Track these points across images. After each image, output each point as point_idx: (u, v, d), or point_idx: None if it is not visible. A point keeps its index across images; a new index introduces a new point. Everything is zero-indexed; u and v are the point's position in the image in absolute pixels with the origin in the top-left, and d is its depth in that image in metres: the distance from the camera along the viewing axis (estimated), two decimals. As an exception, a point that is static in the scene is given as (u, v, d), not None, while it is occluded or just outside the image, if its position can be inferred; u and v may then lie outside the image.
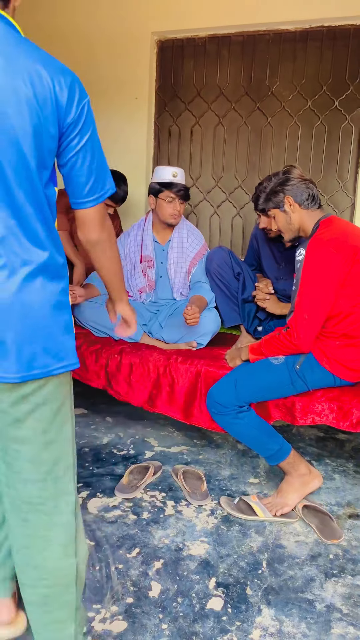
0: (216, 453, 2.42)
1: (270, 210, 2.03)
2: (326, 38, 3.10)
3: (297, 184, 1.94)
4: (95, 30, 3.44)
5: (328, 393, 1.97)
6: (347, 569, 1.69)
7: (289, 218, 1.98)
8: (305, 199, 1.94)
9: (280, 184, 1.97)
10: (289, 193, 1.95)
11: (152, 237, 2.73)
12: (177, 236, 2.71)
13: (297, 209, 1.95)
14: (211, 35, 3.31)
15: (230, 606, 1.52)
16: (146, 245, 2.72)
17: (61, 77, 1.10)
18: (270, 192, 2.01)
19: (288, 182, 1.95)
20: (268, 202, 2.02)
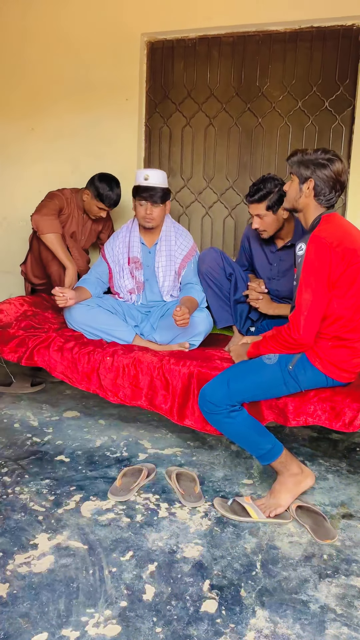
0: (210, 455, 2.41)
1: (292, 173, 1.95)
2: (316, 39, 3.11)
3: (328, 179, 1.87)
4: (85, 32, 3.43)
5: (320, 393, 1.97)
6: (341, 569, 1.69)
7: (299, 196, 1.93)
8: (323, 196, 1.89)
9: (316, 164, 1.87)
10: (315, 179, 1.88)
11: (139, 238, 2.73)
12: (164, 239, 2.70)
13: (311, 196, 1.90)
14: (201, 36, 3.31)
15: (225, 608, 1.51)
16: (133, 246, 2.72)
17: None
18: (305, 160, 1.90)
19: (323, 169, 1.86)
20: (298, 166, 1.92)
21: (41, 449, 2.41)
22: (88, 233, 3.24)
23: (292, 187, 1.96)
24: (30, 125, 3.65)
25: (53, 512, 1.93)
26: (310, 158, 1.89)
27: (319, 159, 1.88)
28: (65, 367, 2.35)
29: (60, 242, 2.91)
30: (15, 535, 1.80)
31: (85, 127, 3.52)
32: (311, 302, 1.79)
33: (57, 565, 1.66)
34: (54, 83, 3.56)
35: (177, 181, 3.50)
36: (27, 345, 2.43)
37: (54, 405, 2.91)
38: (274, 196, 2.36)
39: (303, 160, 1.91)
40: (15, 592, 1.54)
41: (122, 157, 3.48)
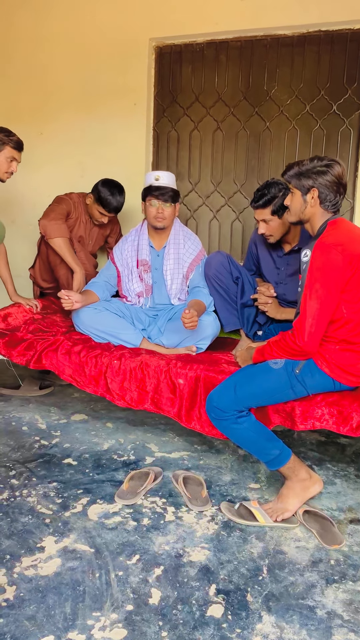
0: (217, 458, 2.41)
1: (292, 187, 1.96)
2: (324, 42, 3.12)
3: (331, 184, 1.87)
4: (94, 37, 3.46)
5: (328, 398, 1.97)
6: (348, 575, 1.68)
7: (304, 207, 1.93)
8: (329, 201, 1.89)
9: (316, 172, 1.88)
10: (319, 187, 1.88)
11: (148, 241, 2.74)
12: (173, 242, 2.71)
13: (317, 204, 1.91)
14: (209, 41, 3.32)
15: (231, 613, 1.51)
16: (142, 249, 2.73)
17: None
18: (304, 171, 1.90)
19: (324, 176, 1.87)
20: (297, 179, 1.93)
21: (49, 452, 2.42)
22: (95, 237, 3.26)
23: (295, 200, 1.96)
24: (39, 129, 3.68)
25: (60, 515, 1.94)
26: (308, 168, 1.90)
27: (317, 167, 1.88)
28: (73, 371, 2.36)
29: (68, 246, 2.92)
30: (23, 538, 1.80)
31: (93, 132, 3.54)
32: (317, 309, 1.78)
33: (63, 569, 1.66)
34: (62, 88, 3.58)
35: (185, 185, 3.51)
36: (35, 349, 2.44)
37: (62, 408, 2.92)
38: (278, 201, 2.36)
39: (302, 172, 1.91)
40: (22, 595, 1.54)
41: (130, 161, 3.49)
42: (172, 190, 2.62)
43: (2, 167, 2.68)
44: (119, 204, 3.03)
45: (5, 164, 2.68)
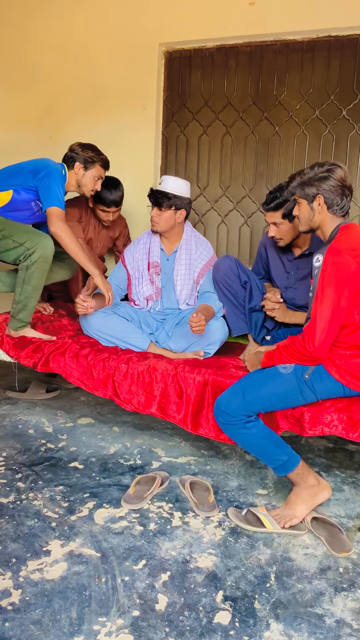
0: (224, 464, 2.39)
1: (298, 198, 1.97)
2: (333, 48, 3.11)
3: (335, 188, 1.87)
4: (104, 42, 3.47)
5: (337, 403, 1.95)
6: (357, 583, 1.66)
7: (312, 215, 1.93)
8: (336, 205, 1.89)
9: (318, 179, 1.88)
10: (323, 193, 1.88)
11: (159, 244, 2.74)
12: (185, 247, 2.70)
13: (324, 210, 1.91)
14: (219, 46, 3.33)
15: (238, 620, 1.49)
16: (153, 252, 2.73)
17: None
18: (307, 180, 1.91)
19: (327, 181, 1.87)
20: (301, 189, 1.94)
21: (55, 455, 2.41)
22: (104, 240, 3.26)
23: (303, 210, 1.97)
24: (49, 133, 3.69)
25: (66, 519, 1.93)
26: (310, 176, 1.91)
27: (318, 174, 1.89)
28: (81, 374, 2.35)
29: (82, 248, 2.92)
30: (29, 541, 1.79)
31: (102, 136, 3.54)
32: (329, 315, 1.76)
33: (69, 573, 1.65)
34: (72, 92, 3.60)
35: (193, 189, 3.50)
36: (42, 352, 2.44)
37: (69, 411, 2.92)
38: (290, 204, 2.35)
39: (304, 181, 1.92)
40: (27, 599, 1.53)
41: (139, 166, 3.50)
42: (169, 196, 2.58)
43: (89, 185, 2.73)
44: (116, 197, 3.02)
45: (92, 182, 2.73)
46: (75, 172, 2.69)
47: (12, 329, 2.60)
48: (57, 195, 2.50)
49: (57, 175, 2.55)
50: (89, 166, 2.68)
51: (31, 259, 2.48)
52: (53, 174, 2.53)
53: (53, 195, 2.49)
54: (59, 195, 2.51)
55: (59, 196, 2.51)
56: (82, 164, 2.67)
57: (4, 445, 2.48)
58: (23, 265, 2.50)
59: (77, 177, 2.70)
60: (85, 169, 2.68)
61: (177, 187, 2.61)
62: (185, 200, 2.65)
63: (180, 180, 2.66)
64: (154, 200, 2.61)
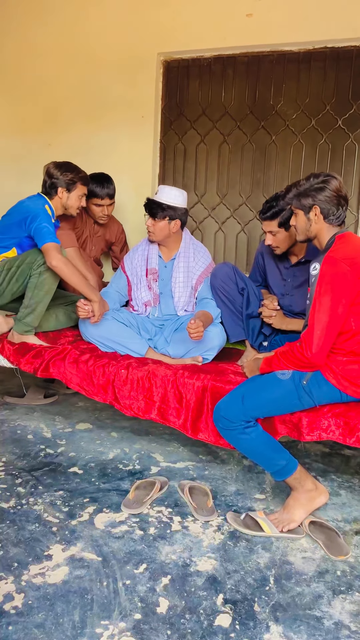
0: (222, 469, 2.42)
1: (295, 209, 2.02)
2: (329, 59, 3.17)
3: (331, 198, 1.91)
4: (103, 51, 3.52)
5: (334, 409, 1.98)
6: (354, 586, 1.68)
7: (309, 225, 1.98)
8: (332, 215, 1.93)
9: (314, 190, 1.93)
10: (319, 204, 1.93)
11: (157, 251, 2.77)
12: (183, 255, 2.73)
13: (321, 220, 1.95)
14: (216, 56, 3.38)
15: (238, 623, 1.51)
16: (151, 258, 2.76)
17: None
18: (303, 191, 1.96)
19: (322, 192, 1.92)
20: (297, 200, 1.98)
21: (54, 461, 2.42)
22: (99, 242, 3.28)
23: (299, 220, 2.01)
24: (48, 140, 3.72)
25: (67, 524, 1.95)
26: (306, 187, 1.95)
27: (314, 185, 1.93)
28: (81, 379, 2.37)
29: (79, 256, 2.95)
30: (30, 545, 1.81)
31: (101, 143, 3.59)
32: (326, 322, 1.80)
33: (71, 577, 1.67)
34: (70, 100, 3.64)
35: (191, 197, 3.54)
36: (43, 357, 2.46)
37: (67, 417, 2.93)
38: (286, 213, 2.39)
39: (300, 193, 1.97)
40: (30, 603, 1.55)
41: (137, 173, 3.54)
42: (164, 207, 2.61)
43: (75, 204, 2.78)
44: (109, 189, 3.07)
45: (77, 201, 2.77)
46: (60, 196, 2.72)
47: (17, 332, 2.64)
48: (48, 231, 2.55)
49: (41, 213, 2.59)
50: (72, 188, 2.72)
51: (42, 268, 2.56)
52: (38, 214, 2.58)
53: (45, 233, 2.54)
54: (49, 230, 2.56)
55: (50, 231, 2.56)
56: (64, 188, 2.70)
57: (4, 450, 2.50)
58: (36, 272, 2.57)
59: (61, 201, 2.73)
60: (68, 192, 2.72)
61: (171, 198, 2.63)
62: (179, 211, 2.66)
63: (175, 191, 2.66)
64: (148, 210, 2.64)
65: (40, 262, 2.56)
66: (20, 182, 3.82)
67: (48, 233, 2.54)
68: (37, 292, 2.58)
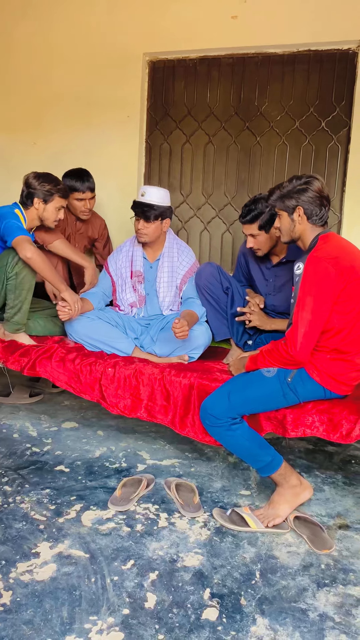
0: (208, 466, 2.44)
1: (278, 210, 2.05)
2: (313, 61, 3.21)
3: (314, 199, 1.95)
4: (89, 50, 3.52)
5: (318, 405, 2.02)
6: (338, 579, 1.72)
7: (293, 226, 2.01)
8: (315, 215, 1.97)
9: (297, 192, 1.96)
10: (303, 205, 1.96)
11: (141, 253, 2.78)
12: (167, 255, 2.75)
13: (304, 221, 1.98)
14: (202, 57, 3.40)
15: (225, 616, 1.54)
16: (135, 260, 2.76)
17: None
18: (286, 193, 1.99)
19: (305, 193, 1.95)
20: (280, 201, 2.01)
21: (41, 459, 2.43)
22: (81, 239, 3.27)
23: (284, 222, 2.05)
24: (33, 139, 3.71)
25: (54, 521, 1.95)
26: (289, 189, 1.99)
27: (297, 186, 1.97)
28: (69, 378, 2.38)
29: (68, 244, 2.94)
30: (17, 543, 1.81)
31: (87, 142, 3.59)
32: (309, 320, 1.83)
33: (59, 574, 1.68)
34: (56, 99, 3.63)
35: (176, 197, 3.56)
36: (30, 356, 2.46)
37: (53, 416, 2.93)
38: (265, 216, 2.42)
39: (284, 194, 2.01)
40: (18, 600, 1.55)
41: (123, 173, 3.55)
42: (155, 208, 2.60)
43: (52, 217, 2.73)
44: (89, 182, 3.06)
45: (54, 213, 2.72)
46: (36, 207, 2.68)
47: (9, 331, 2.64)
48: (17, 226, 2.54)
49: (9, 214, 2.59)
50: (49, 199, 2.68)
51: (18, 266, 2.53)
52: (5, 215, 2.58)
53: (14, 228, 2.52)
54: (18, 225, 2.55)
55: (18, 226, 2.55)
56: (41, 199, 2.67)
57: (-11, 449, 2.49)
58: (12, 274, 2.55)
59: (38, 212, 2.70)
60: (45, 203, 2.68)
61: (160, 198, 2.63)
62: (169, 209, 2.70)
63: (161, 190, 2.68)
64: (140, 213, 2.61)
65: (13, 263, 2.53)
66: (6, 182, 3.80)
67: (17, 228, 2.52)
68: (18, 292, 2.57)
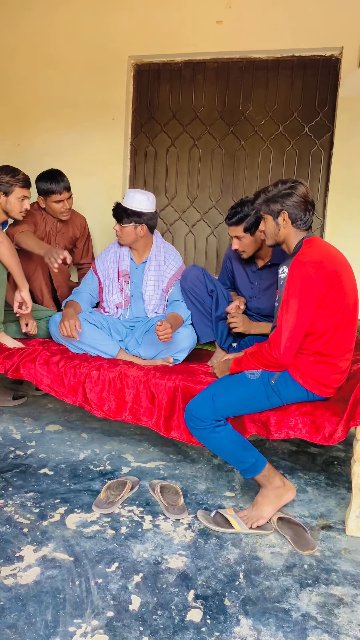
0: (192, 468, 2.45)
1: (263, 214, 2.07)
2: (297, 67, 3.25)
3: (298, 204, 1.97)
4: (74, 52, 3.52)
5: (301, 407, 2.04)
6: (321, 579, 1.74)
7: (278, 229, 2.03)
8: (300, 220, 1.99)
9: (282, 196, 1.98)
10: (287, 209, 1.98)
11: (129, 254, 2.78)
12: (154, 258, 2.76)
13: (289, 225, 2.01)
14: (187, 61, 3.42)
15: (209, 617, 1.55)
16: (123, 260, 2.77)
17: None
18: (271, 197, 2.01)
19: (290, 198, 1.97)
20: (266, 205, 2.04)
21: (24, 462, 2.41)
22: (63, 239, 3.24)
23: (268, 225, 2.07)
24: (17, 140, 3.70)
25: (38, 525, 1.95)
26: (274, 193, 2.01)
27: (282, 191, 2.00)
28: (52, 381, 2.37)
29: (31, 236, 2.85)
30: (1, 547, 1.80)
31: (71, 145, 3.59)
32: (293, 323, 1.86)
33: (43, 577, 1.67)
34: (41, 101, 3.62)
35: (161, 199, 3.58)
36: (13, 358, 2.45)
37: (36, 418, 2.92)
38: (251, 219, 2.45)
39: (269, 198, 2.03)
40: (1, 604, 1.55)
41: (108, 175, 3.55)
42: (129, 212, 2.63)
43: (16, 208, 2.72)
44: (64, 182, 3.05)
45: (18, 204, 2.71)
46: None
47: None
48: None
49: None
50: (9, 190, 2.68)
51: None
52: None
53: None
54: None
55: None
56: (1, 192, 2.67)
57: (-28, 452, 2.47)
58: None
59: (1, 205, 2.70)
60: (5, 195, 2.68)
61: (136, 203, 2.64)
62: (146, 216, 2.67)
63: (141, 195, 2.66)
64: (115, 215, 2.67)
65: None
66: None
67: None
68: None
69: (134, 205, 2.63)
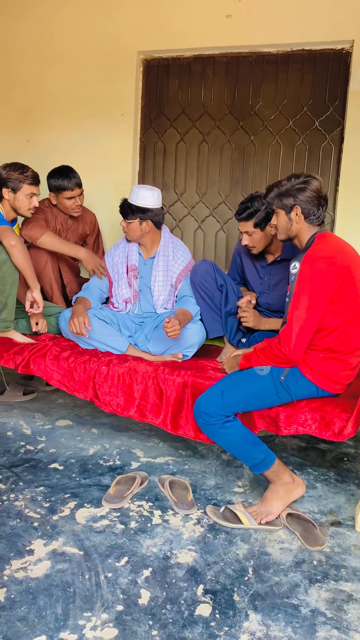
0: (201, 463, 2.45)
1: (276, 208, 2.05)
2: (307, 61, 3.22)
3: (311, 199, 1.96)
4: (83, 48, 3.51)
5: (311, 403, 2.03)
6: (330, 575, 1.74)
7: (290, 224, 2.02)
8: (313, 215, 1.98)
9: (295, 190, 1.97)
10: (300, 204, 1.97)
11: (137, 248, 2.79)
12: (162, 254, 2.76)
13: (302, 220, 1.99)
14: (196, 56, 3.41)
15: (218, 612, 1.55)
16: (131, 255, 2.78)
17: None
18: (284, 191, 1.99)
19: (303, 192, 1.96)
20: (278, 199, 2.02)
21: (35, 457, 2.43)
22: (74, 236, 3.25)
23: (281, 220, 2.05)
24: (26, 136, 3.70)
25: (48, 519, 1.96)
26: (287, 187, 1.99)
27: (295, 185, 1.98)
28: (62, 376, 2.38)
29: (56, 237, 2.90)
30: (12, 541, 1.82)
31: (81, 141, 3.59)
32: (304, 319, 1.85)
33: (53, 571, 1.68)
34: (50, 97, 3.62)
35: (170, 195, 3.57)
36: (24, 354, 2.46)
37: (47, 414, 2.94)
38: (261, 214, 2.43)
39: (282, 192, 2.01)
40: (12, 597, 1.56)
41: (117, 171, 3.55)
42: (135, 208, 2.63)
43: (24, 205, 2.71)
44: (75, 178, 3.04)
45: (27, 201, 2.70)
46: (6, 198, 2.68)
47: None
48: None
49: None
50: (17, 187, 2.67)
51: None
52: None
53: None
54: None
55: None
56: (9, 189, 2.67)
57: (-17, 447, 2.50)
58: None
59: (9, 202, 2.70)
60: (14, 192, 2.68)
61: (142, 199, 2.63)
62: (151, 212, 2.66)
63: (146, 191, 2.65)
64: (121, 211, 2.68)
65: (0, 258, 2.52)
66: None
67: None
68: (2, 287, 2.55)
69: (139, 201, 2.63)
